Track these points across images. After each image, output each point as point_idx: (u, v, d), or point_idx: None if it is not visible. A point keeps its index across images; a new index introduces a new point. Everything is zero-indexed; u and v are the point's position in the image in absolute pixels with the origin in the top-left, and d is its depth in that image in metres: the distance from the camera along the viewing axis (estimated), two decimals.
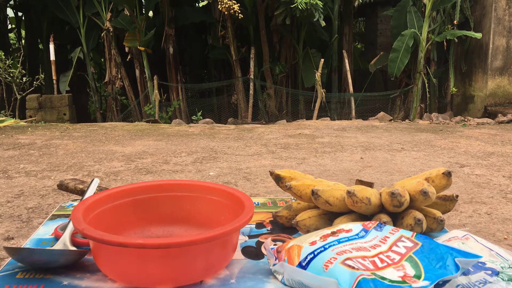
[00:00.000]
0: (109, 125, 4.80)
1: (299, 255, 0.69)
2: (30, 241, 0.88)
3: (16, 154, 3.03)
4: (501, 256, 0.72)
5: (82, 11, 6.19)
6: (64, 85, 5.89)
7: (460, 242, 0.77)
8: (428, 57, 5.96)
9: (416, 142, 3.55)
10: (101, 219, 0.78)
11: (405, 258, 0.65)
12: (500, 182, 2.23)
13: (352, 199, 0.82)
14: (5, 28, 7.34)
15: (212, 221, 0.83)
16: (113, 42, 6.69)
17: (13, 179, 2.31)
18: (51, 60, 5.85)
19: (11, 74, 5.69)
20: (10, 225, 1.58)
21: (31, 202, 1.88)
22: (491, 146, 3.34)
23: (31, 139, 3.72)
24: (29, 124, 5.00)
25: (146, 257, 0.65)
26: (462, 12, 5.73)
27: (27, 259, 0.73)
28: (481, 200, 1.91)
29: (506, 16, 5.46)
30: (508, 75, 5.56)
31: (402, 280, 0.60)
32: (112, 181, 2.27)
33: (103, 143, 3.55)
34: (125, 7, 6.16)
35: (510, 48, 5.53)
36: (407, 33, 5.50)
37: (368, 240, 0.71)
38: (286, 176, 0.93)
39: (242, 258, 0.79)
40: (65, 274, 0.72)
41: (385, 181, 2.24)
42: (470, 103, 5.82)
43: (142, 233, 0.85)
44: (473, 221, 1.63)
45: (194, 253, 0.67)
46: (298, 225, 0.88)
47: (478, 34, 5.26)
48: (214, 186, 0.87)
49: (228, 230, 0.68)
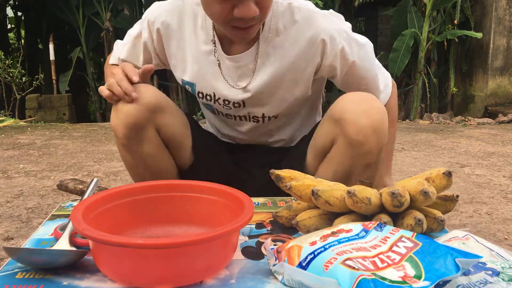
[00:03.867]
0: (109, 125, 4.80)
1: (299, 255, 0.69)
2: (29, 241, 0.88)
3: (16, 154, 3.03)
4: (501, 256, 0.72)
5: (82, 11, 6.19)
6: (63, 85, 5.89)
7: (460, 242, 0.76)
8: (429, 57, 5.96)
9: (416, 142, 3.56)
10: (101, 219, 0.78)
11: (405, 258, 0.64)
12: (501, 182, 2.23)
13: (352, 199, 0.81)
14: (5, 28, 7.34)
15: (212, 221, 0.83)
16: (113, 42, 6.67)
17: (12, 179, 2.31)
18: (51, 60, 5.85)
19: (11, 74, 5.69)
20: (9, 225, 1.58)
21: (30, 202, 1.88)
22: (492, 146, 3.34)
23: (31, 139, 3.72)
24: (28, 124, 5.00)
25: (146, 257, 0.65)
26: (463, 12, 5.73)
27: (26, 259, 0.73)
28: (481, 200, 1.91)
29: (507, 16, 5.47)
30: (509, 75, 5.56)
31: (403, 280, 0.60)
32: (112, 181, 2.27)
33: (103, 143, 3.55)
34: (125, 7, 6.16)
35: (510, 48, 5.53)
36: (408, 33, 5.50)
37: (368, 240, 0.70)
38: (286, 176, 0.93)
39: (242, 258, 0.79)
40: (65, 274, 0.72)
41: None
42: (471, 103, 5.83)
43: (142, 233, 0.85)
44: (474, 221, 1.63)
45: (194, 253, 0.67)
46: (298, 225, 0.88)
47: (478, 34, 5.26)
48: (214, 186, 0.87)
49: (228, 230, 0.68)
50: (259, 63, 1.11)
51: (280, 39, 1.09)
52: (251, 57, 1.11)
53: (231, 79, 1.14)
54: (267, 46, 1.10)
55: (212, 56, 1.13)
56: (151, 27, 1.16)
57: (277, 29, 1.09)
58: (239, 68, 1.12)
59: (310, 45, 1.08)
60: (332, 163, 1.11)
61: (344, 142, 1.05)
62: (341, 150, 1.07)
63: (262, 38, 1.09)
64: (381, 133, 1.02)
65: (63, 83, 5.95)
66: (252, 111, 1.19)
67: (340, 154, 1.08)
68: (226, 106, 1.19)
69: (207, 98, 1.20)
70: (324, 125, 1.13)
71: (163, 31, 1.16)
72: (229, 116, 1.23)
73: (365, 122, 1.00)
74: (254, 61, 1.11)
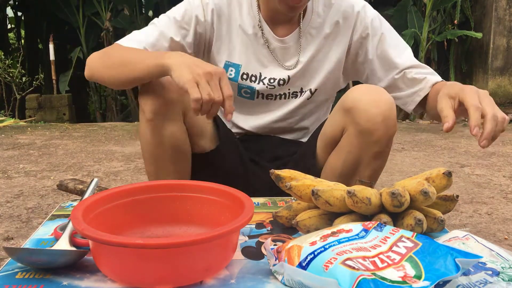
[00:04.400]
0: (109, 125, 4.80)
1: (299, 255, 0.69)
2: (29, 241, 0.88)
3: (16, 154, 3.03)
4: (501, 256, 0.72)
5: (82, 11, 6.18)
6: (63, 85, 5.88)
7: (460, 242, 0.76)
8: (429, 57, 5.96)
9: (416, 142, 3.56)
10: (101, 219, 0.78)
11: (405, 258, 0.64)
12: (501, 182, 2.23)
13: (353, 199, 0.81)
14: (5, 28, 7.34)
15: (212, 221, 0.83)
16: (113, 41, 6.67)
17: (12, 179, 2.31)
18: (51, 60, 5.84)
19: (11, 74, 5.69)
20: (9, 225, 1.58)
21: (30, 202, 1.88)
22: (492, 146, 3.34)
23: (31, 139, 3.72)
24: (28, 124, 5.00)
25: (146, 257, 0.65)
26: (463, 12, 5.73)
27: (26, 259, 0.73)
28: (481, 200, 1.91)
29: (507, 16, 5.46)
30: (509, 75, 5.56)
31: (403, 281, 0.60)
32: (112, 181, 2.27)
33: (103, 143, 3.55)
34: (125, 7, 6.16)
35: (510, 48, 5.53)
36: (408, 33, 5.50)
37: (368, 240, 0.70)
38: (286, 176, 0.93)
39: (242, 258, 0.79)
40: (65, 274, 0.72)
41: (385, 181, 2.24)
42: None
43: (142, 233, 0.85)
44: (474, 221, 1.63)
45: (194, 253, 0.67)
46: (298, 225, 0.88)
47: (478, 34, 5.25)
48: (214, 186, 0.87)
49: (228, 230, 0.68)
50: (303, 43, 1.23)
51: (320, 21, 1.23)
52: (295, 38, 1.23)
53: (278, 58, 1.24)
54: (309, 28, 1.23)
55: (260, 39, 1.23)
56: (205, 8, 1.20)
57: (317, 12, 1.22)
58: (285, 49, 1.24)
59: (344, 19, 1.22)
60: (342, 152, 1.15)
61: (354, 130, 1.08)
62: (350, 139, 1.11)
63: (305, 20, 1.22)
64: (390, 123, 1.06)
65: (63, 83, 5.94)
66: (293, 86, 1.27)
67: (350, 143, 1.11)
68: (270, 85, 1.25)
69: (251, 79, 1.25)
70: (335, 115, 1.17)
71: (216, 12, 1.21)
72: (269, 96, 1.27)
73: (375, 111, 1.04)
74: (298, 41, 1.23)
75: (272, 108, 1.30)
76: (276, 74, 1.24)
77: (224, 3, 1.22)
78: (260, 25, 1.22)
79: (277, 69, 1.24)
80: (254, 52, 1.24)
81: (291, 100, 1.28)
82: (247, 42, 1.23)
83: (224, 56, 1.25)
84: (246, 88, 1.27)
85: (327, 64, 1.25)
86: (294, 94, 1.28)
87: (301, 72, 1.24)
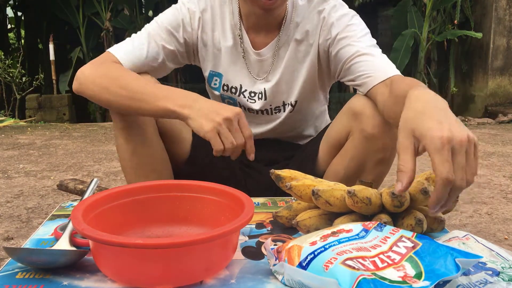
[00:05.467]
0: (109, 125, 4.80)
1: (299, 255, 0.68)
2: (29, 241, 0.88)
3: (16, 154, 3.03)
4: (501, 256, 0.72)
5: (82, 10, 6.18)
6: (63, 85, 5.88)
7: (460, 242, 0.76)
8: (429, 57, 5.96)
9: None
10: (101, 219, 0.78)
11: (405, 258, 0.64)
12: (501, 182, 2.23)
13: (353, 199, 0.81)
14: (5, 28, 7.34)
15: (212, 221, 0.83)
16: (113, 42, 6.69)
17: (12, 179, 2.31)
18: (51, 60, 5.84)
19: (11, 74, 5.69)
20: (9, 225, 1.59)
21: (30, 202, 1.88)
22: (492, 146, 3.34)
23: (31, 139, 3.72)
24: (28, 124, 5.00)
25: (146, 257, 0.65)
26: (463, 12, 5.72)
27: (26, 259, 0.73)
28: (481, 200, 1.91)
29: (507, 16, 5.46)
30: (509, 75, 5.56)
31: (403, 280, 0.60)
32: (112, 181, 2.27)
33: (103, 143, 3.55)
34: (125, 7, 6.16)
35: (510, 48, 5.53)
36: (408, 33, 5.50)
37: (368, 240, 0.70)
38: (286, 176, 0.93)
39: (242, 258, 0.79)
40: (65, 274, 0.72)
41: (385, 181, 2.24)
42: (471, 103, 5.82)
43: (142, 233, 0.85)
44: (474, 221, 1.63)
45: (194, 253, 0.67)
46: (298, 225, 0.88)
47: (478, 34, 5.25)
48: (214, 186, 0.87)
49: (228, 230, 0.68)
50: (281, 53, 1.19)
51: (298, 30, 1.18)
52: (273, 49, 1.19)
53: (254, 71, 1.22)
54: (287, 37, 1.19)
55: (240, 50, 1.20)
56: (192, 16, 1.19)
57: (296, 22, 1.18)
58: (261, 62, 1.21)
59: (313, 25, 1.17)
60: (346, 156, 1.13)
61: (360, 136, 1.07)
62: (355, 144, 1.09)
63: (284, 29, 1.18)
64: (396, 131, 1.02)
65: (63, 83, 5.94)
66: (273, 102, 1.24)
67: (354, 148, 1.10)
68: (250, 99, 1.23)
69: (231, 91, 1.24)
70: (340, 118, 1.16)
71: (203, 21, 1.20)
72: (251, 110, 1.25)
73: (382, 118, 1.03)
74: (275, 53, 1.20)
75: (259, 122, 1.28)
76: (255, 87, 1.22)
77: (208, 12, 1.20)
78: (240, 35, 1.19)
79: (254, 82, 1.22)
80: (235, 63, 1.22)
81: (276, 115, 1.26)
82: (228, 53, 1.21)
83: (210, 65, 1.24)
84: (228, 99, 1.26)
85: (301, 73, 1.21)
86: (277, 109, 1.25)
87: (276, 85, 1.21)
